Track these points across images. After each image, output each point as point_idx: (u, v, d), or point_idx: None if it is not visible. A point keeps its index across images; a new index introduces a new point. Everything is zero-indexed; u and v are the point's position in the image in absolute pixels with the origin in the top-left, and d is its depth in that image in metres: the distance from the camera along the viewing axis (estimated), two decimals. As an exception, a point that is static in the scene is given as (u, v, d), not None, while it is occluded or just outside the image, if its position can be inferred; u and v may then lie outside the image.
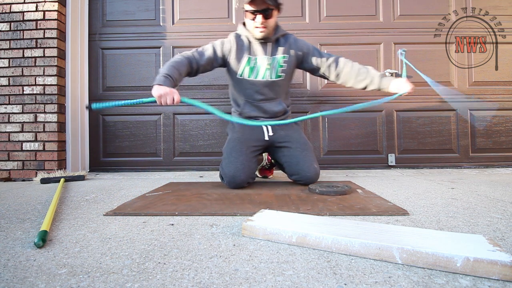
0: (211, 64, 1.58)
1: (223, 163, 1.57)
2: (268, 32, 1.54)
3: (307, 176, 1.55)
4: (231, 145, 1.61)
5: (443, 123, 2.43)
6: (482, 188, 1.49)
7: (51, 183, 1.84)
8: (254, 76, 1.59)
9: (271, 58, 1.59)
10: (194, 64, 1.52)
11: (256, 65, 1.59)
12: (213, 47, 1.58)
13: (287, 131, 1.64)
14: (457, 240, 0.65)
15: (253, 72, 1.59)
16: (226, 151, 1.61)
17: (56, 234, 0.84)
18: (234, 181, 1.49)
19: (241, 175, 1.49)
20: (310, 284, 0.53)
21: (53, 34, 2.17)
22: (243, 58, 1.58)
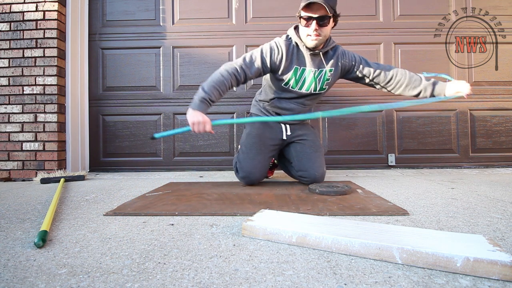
0: (259, 74, 1.51)
1: (240, 157, 1.60)
2: (321, 42, 1.44)
3: (315, 175, 1.56)
4: (251, 141, 1.62)
5: (443, 123, 2.43)
6: (482, 188, 1.49)
7: (51, 183, 1.84)
8: (299, 87, 1.55)
9: (318, 70, 1.52)
10: (241, 78, 1.45)
11: (303, 76, 1.53)
12: (262, 57, 1.47)
13: (304, 131, 1.68)
14: (457, 240, 0.65)
15: (298, 83, 1.54)
16: (246, 145, 1.62)
17: (56, 234, 0.84)
18: (249, 177, 1.55)
19: (256, 173, 1.55)
20: (310, 284, 0.53)
21: (53, 34, 2.17)
22: (291, 68, 1.50)
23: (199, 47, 2.48)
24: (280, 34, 2.42)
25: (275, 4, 2.47)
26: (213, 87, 1.37)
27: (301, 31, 1.47)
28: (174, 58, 2.49)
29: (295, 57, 1.50)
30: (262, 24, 2.46)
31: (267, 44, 1.52)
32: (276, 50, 1.49)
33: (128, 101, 2.49)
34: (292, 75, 1.52)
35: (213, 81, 1.39)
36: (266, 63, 1.48)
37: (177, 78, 2.49)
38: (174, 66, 2.49)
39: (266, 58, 1.47)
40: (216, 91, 1.37)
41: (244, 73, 1.44)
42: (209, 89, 1.36)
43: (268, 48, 1.49)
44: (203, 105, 1.34)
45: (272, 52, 1.48)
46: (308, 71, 1.52)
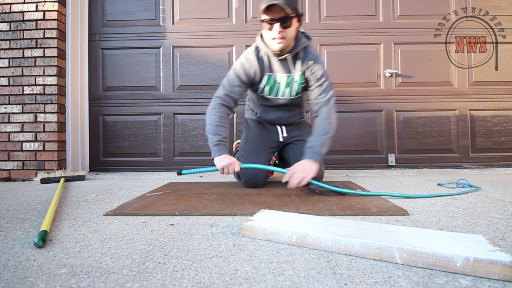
0: (244, 91, 1.55)
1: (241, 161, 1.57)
2: (286, 44, 1.40)
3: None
4: (250, 145, 1.63)
5: (443, 123, 2.43)
6: (482, 188, 1.49)
7: (51, 183, 1.84)
8: (274, 94, 1.55)
9: (290, 75, 1.51)
10: (231, 103, 1.50)
11: (276, 83, 1.53)
12: (238, 76, 1.49)
13: (301, 131, 1.68)
14: (457, 240, 0.65)
15: (273, 91, 1.55)
16: (245, 150, 1.62)
17: (56, 234, 0.84)
18: (252, 181, 1.53)
19: (259, 176, 1.54)
20: (310, 284, 0.53)
21: (53, 34, 2.17)
22: (264, 76, 1.51)
23: (199, 47, 2.47)
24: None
25: (275, 4, 2.46)
26: (216, 127, 1.43)
27: (265, 35, 1.43)
28: (174, 58, 2.49)
29: (266, 64, 1.49)
30: (262, 24, 2.46)
31: (238, 60, 1.53)
32: (247, 64, 1.49)
33: (128, 101, 2.49)
34: (266, 83, 1.52)
35: (212, 122, 1.44)
36: (243, 79, 1.49)
37: (177, 78, 2.49)
38: (174, 66, 2.49)
39: (241, 76, 1.49)
40: (220, 127, 1.43)
41: (230, 97, 1.48)
42: (214, 130, 1.42)
43: (239, 65, 1.50)
44: (221, 147, 1.41)
45: (244, 67, 1.49)
46: (280, 77, 1.51)
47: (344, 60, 2.44)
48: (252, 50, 1.51)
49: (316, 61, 1.49)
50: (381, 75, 2.44)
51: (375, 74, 2.45)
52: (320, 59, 1.51)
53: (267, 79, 1.52)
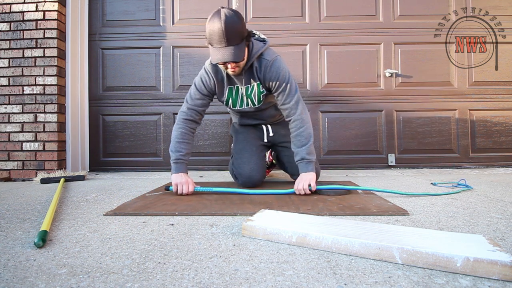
0: (207, 103, 1.53)
1: (235, 163, 1.59)
2: (241, 69, 1.39)
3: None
4: (240, 146, 1.63)
5: (443, 123, 2.43)
6: (482, 188, 1.49)
7: (51, 183, 1.84)
8: (239, 105, 1.55)
9: (248, 87, 1.48)
10: (195, 117, 1.49)
11: (238, 95, 1.52)
12: (198, 89, 1.49)
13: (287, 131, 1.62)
14: (457, 240, 0.65)
15: (237, 103, 1.54)
16: (237, 151, 1.63)
17: (56, 234, 0.84)
18: (250, 181, 1.52)
19: (256, 174, 1.53)
20: (310, 284, 0.53)
21: (53, 34, 2.17)
22: (225, 89, 1.51)
23: (199, 47, 2.47)
24: (280, 34, 2.44)
25: (275, 4, 2.47)
26: (177, 143, 1.43)
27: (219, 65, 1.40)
28: (174, 58, 2.49)
29: (225, 78, 1.48)
30: (262, 24, 2.46)
31: (199, 73, 1.52)
32: (206, 77, 1.48)
33: (128, 101, 2.49)
34: (229, 96, 1.52)
35: (174, 139, 1.44)
36: (204, 92, 1.49)
37: (177, 78, 2.49)
38: (174, 66, 2.49)
39: (202, 88, 1.49)
40: (181, 144, 1.43)
41: (193, 111, 1.48)
42: (175, 147, 1.43)
43: (199, 78, 1.50)
44: (179, 166, 1.41)
45: (203, 80, 1.48)
46: (240, 89, 1.50)
47: (344, 60, 2.45)
48: (208, 65, 1.48)
49: (271, 68, 1.42)
50: (381, 75, 2.44)
51: (375, 74, 2.45)
52: (276, 64, 1.42)
53: (228, 92, 1.51)
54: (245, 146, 1.62)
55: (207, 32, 1.25)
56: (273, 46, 2.47)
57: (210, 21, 1.24)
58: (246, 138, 1.65)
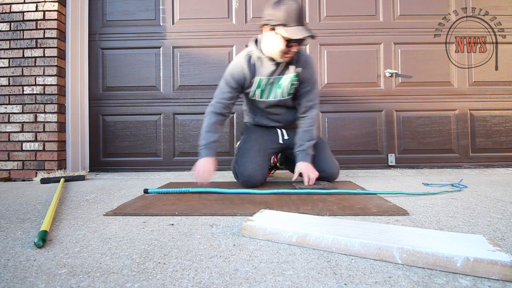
0: (236, 96, 1.57)
1: (238, 161, 1.60)
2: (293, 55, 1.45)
3: (333, 172, 1.62)
4: (249, 145, 1.64)
5: (443, 123, 2.43)
6: (482, 188, 1.49)
7: (51, 183, 1.84)
8: (266, 96, 1.57)
9: (282, 77, 1.53)
10: (225, 109, 1.53)
11: (267, 85, 1.55)
12: (228, 82, 1.52)
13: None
14: (457, 240, 0.65)
15: (265, 93, 1.56)
16: (243, 149, 1.64)
17: (56, 234, 0.84)
18: (250, 180, 1.53)
19: (257, 175, 1.54)
20: (310, 284, 0.53)
21: (53, 34, 2.17)
22: (254, 80, 1.53)
23: (199, 47, 2.48)
24: (280, 34, 2.43)
25: (275, 4, 2.46)
26: (205, 134, 1.49)
27: (272, 45, 1.41)
28: (174, 58, 2.49)
29: (257, 68, 1.51)
30: (262, 24, 2.46)
31: (229, 66, 1.56)
32: (236, 69, 1.51)
33: (128, 101, 2.49)
34: (257, 87, 1.54)
35: (202, 131, 1.51)
36: (233, 85, 1.52)
37: (177, 78, 2.49)
38: (174, 66, 2.49)
39: (232, 81, 1.52)
40: (208, 134, 1.49)
41: (221, 104, 1.52)
42: (203, 137, 1.49)
43: (229, 72, 1.53)
44: (205, 151, 1.46)
45: (233, 74, 1.51)
46: (272, 79, 1.53)
47: (344, 60, 2.45)
48: (243, 56, 1.53)
49: (310, 64, 1.56)
50: (381, 75, 2.44)
51: (375, 74, 2.45)
52: (312, 62, 1.58)
53: (257, 83, 1.53)
54: (254, 145, 1.63)
55: (281, 14, 1.31)
56: (273, 46, 2.48)
57: (283, 3, 1.31)
58: (258, 139, 1.66)
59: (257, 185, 1.56)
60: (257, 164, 1.56)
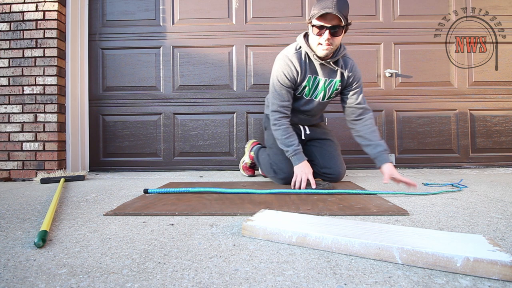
0: (292, 94, 1.59)
1: (275, 158, 1.65)
2: (331, 51, 1.46)
3: (339, 171, 1.66)
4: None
5: (443, 123, 2.43)
6: (482, 188, 1.49)
7: (51, 183, 1.84)
8: (311, 95, 1.61)
9: (328, 80, 1.57)
10: (288, 110, 1.57)
11: (315, 84, 1.58)
12: (284, 84, 1.53)
13: (323, 129, 1.82)
14: (457, 240, 0.65)
15: (311, 92, 1.60)
16: (277, 147, 1.63)
17: (56, 234, 0.84)
18: (289, 177, 1.55)
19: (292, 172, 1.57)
20: (310, 284, 0.53)
21: (53, 34, 2.17)
22: (306, 77, 1.55)
23: (199, 47, 2.48)
24: (280, 34, 2.44)
25: (275, 4, 2.47)
26: (286, 139, 1.53)
27: (311, 39, 1.47)
28: (174, 58, 2.49)
29: (308, 66, 1.54)
30: (262, 24, 2.46)
31: (278, 65, 1.54)
32: (288, 68, 1.52)
33: (128, 101, 2.49)
34: (306, 84, 1.57)
35: (281, 137, 1.54)
36: (288, 84, 1.54)
37: (177, 78, 2.49)
38: (174, 66, 2.49)
39: (285, 81, 1.53)
40: (289, 138, 1.53)
41: (284, 107, 1.55)
42: (286, 143, 1.52)
43: (280, 72, 1.52)
44: (298, 156, 1.50)
45: (286, 72, 1.52)
46: (319, 80, 1.57)
47: (344, 60, 2.45)
48: (293, 51, 1.53)
49: (356, 68, 1.60)
50: (381, 75, 2.44)
51: (375, 74, 2.45)
52: (357, 66, 1.62)
53: (307, 81, 1.56)
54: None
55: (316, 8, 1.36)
56: (273, 46, 2.49)
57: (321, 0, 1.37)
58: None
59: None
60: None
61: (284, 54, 1.55)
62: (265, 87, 2.46)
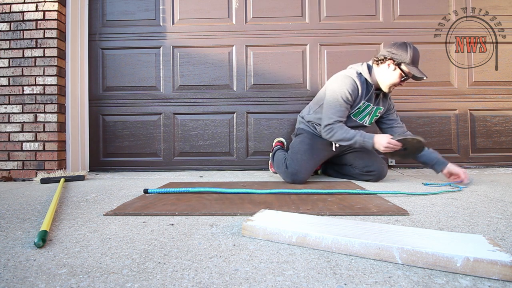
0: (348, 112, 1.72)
1: (293, 156, 1.73)
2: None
3: (382, 168, 1.74)
4: (305, 147, 1.77)
5: (443, 123, 2.43)
6: (482, 188, 1.49)
7: (51, 183, 1.84)
8: (358, 118, 1.76)
9: (375, 108, 1.75)
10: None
11: (364, 110, 1.74)
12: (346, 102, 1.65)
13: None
14: (457, 240, 0.65)
15: (359, 115, 1.75)
16: (300, 149, 1.76)
17: (56, 234, 0.84)
18: (296, 175, 1.66)
19: (303, 173, 1.66)
20: (310, 284, 0.53)
21: (53, 34, 2.17)
22: (360, 102, 1.70)
23: (199, 47, 2.48)
24: (280, 34, 2.44)
25: (275, 4, 2.47)
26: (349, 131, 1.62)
27: (386, 76, 1.64)
28: (174, 58, 2.49)
29: (365, 92, 1.70)
30: (262, 24, 2.46)
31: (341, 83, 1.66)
32: (354, 87, 1.66)
33: (128, 101, 2.49)
34: (360, 107, 1.71)
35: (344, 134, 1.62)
36: (350, 102, 1.67)
37: (177, 78, 2.49)
38: (174, 66, 2.49)
39: (348, 99, 1.65)
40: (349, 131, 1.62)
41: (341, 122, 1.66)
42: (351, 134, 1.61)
43: (346, 88, 1.64)
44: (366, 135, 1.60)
45: (351, 90, 1.65)
46: (369, 107, 1.73)
47: (344, 60, 2.44)
48: (355, 75, 1.68)
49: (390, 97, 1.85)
50: (381, 75, 2.44)
51: (375, 74, 2.44)
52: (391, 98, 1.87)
53: (361, 104, 1.71)
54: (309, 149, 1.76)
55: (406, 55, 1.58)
56: (273, 46, 2.50)
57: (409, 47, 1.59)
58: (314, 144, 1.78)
59: (301, 182, 1.66)
60: (309, 165, 1.70)
61: (346, 75, 1.68)
62: (265, 87, 2.46)
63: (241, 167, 2.46)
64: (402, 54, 1.58)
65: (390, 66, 1.62)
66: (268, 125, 2.46)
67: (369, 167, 1.74)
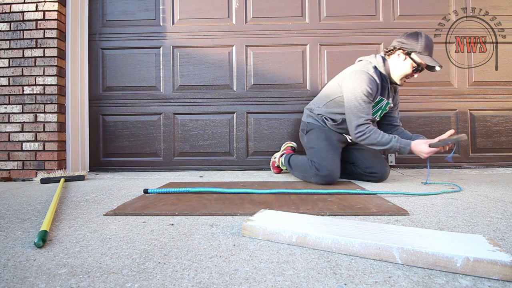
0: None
1: (318, 156, 1.67)
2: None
3: (385, 169, 1.72)
4: (324, 143, 1.73)
5: (443, 123, 2.43)
6: (482, 188, 1.49)
7: (51, 183, 1.84)
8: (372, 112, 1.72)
9: (385, 102, 1.72)
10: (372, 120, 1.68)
11: (378, 104, 1.71)
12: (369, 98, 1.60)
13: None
14: (457, 240, 0.65)
15: (373, 109, 1.71)
16: (321, 147, 1.71)
17: (56, 234, 0.84)
18: (331, 175, 1.61)
19: (337, 172, 1.63)
20: (310, 284, 0.53)
21: (53, 34, 2.17)
22: (377, 97, 1.67)
23: (199, 47, 2.48)
24: (280, 34, 2.44)
25: (275, 4, 2.47)
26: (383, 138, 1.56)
27: (398, 68, 1.63)
28: (174, 58, 2.49)
29: (381, 87, 1.66)
30: (262, 24, 2.46)
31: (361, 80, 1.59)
32: (373, 84, 1.61)
33: (128, 101, 2.49)
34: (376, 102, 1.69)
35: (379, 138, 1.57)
36: (372, 98, 1.62)
37: (177, 78, 2.49)
38: (174, 66, 2.49)
39: (371, 95, 1.60)
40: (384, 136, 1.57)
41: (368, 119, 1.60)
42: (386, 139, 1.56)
43: (366, 86, 1.58)
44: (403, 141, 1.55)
45: (371, 87, 1.60)
46: (381, 100, 1.70)
47: (344, 60, 2.44)
48: (372, 69, 1.63)
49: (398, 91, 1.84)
50: (381, 75, 2.44)
51: (375, 74, 2.44)
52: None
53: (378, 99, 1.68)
54: (329, 144, 1.72)
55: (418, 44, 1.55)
56: (273, 46, 2.49)
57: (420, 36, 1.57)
58: (329, 138, 1.76)
59: (333, 182, 1.62)
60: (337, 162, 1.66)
61: (363, 71, 1.62)
62: (265, 87, 2.46)
63: (241, 167, 2.46)
64: (412, 43, 1.55)
65: (400, 56, 1.60)
66: (268, 125, 2.46)
67: (372, 168, 1.72)
